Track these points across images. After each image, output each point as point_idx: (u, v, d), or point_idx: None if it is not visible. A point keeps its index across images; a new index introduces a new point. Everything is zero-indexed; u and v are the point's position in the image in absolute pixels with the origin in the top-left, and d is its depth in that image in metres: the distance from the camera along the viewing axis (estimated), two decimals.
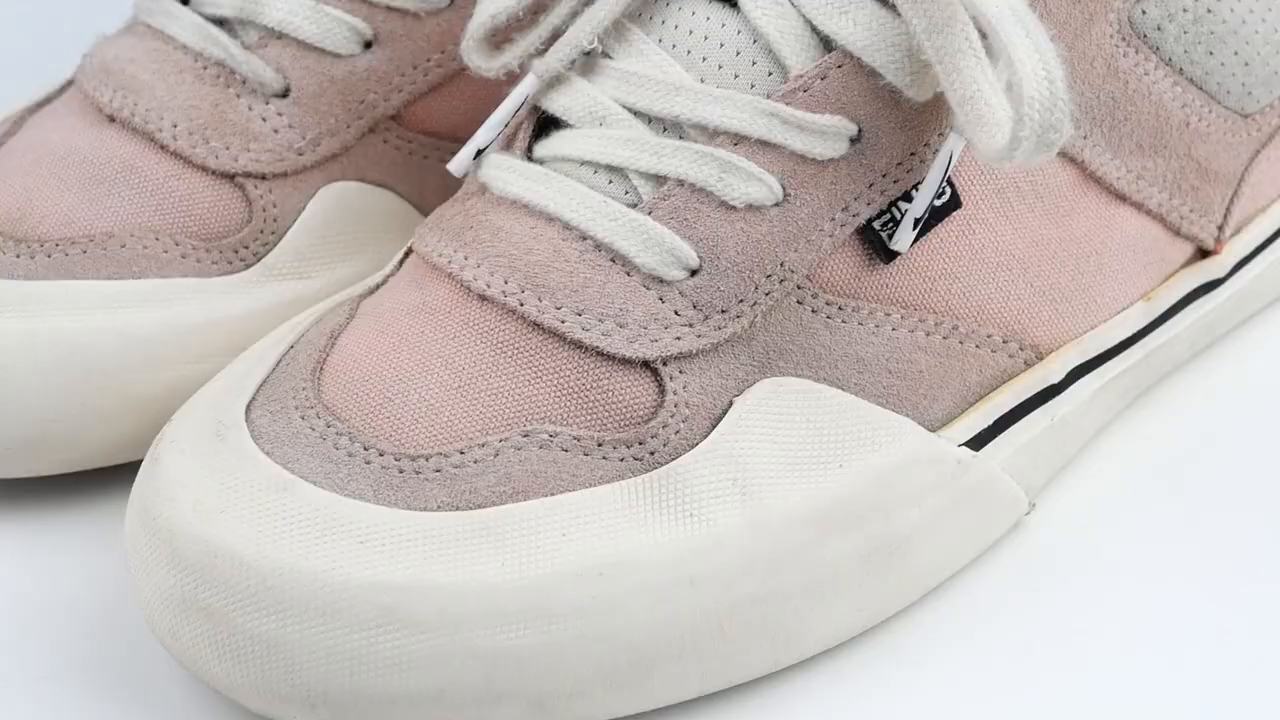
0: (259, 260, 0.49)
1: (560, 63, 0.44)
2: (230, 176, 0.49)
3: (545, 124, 0.44)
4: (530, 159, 0.44)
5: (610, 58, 0.43)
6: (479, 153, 0.45)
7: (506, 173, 0.43)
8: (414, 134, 0.51)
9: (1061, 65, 0.39)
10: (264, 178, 0.49)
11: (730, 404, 0.41)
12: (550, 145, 0.43)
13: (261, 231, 0.49)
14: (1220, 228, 0.49)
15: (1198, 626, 0.43)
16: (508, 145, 0.44)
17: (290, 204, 0.49)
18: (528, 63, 0.45)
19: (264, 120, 0.49)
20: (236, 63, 0.49)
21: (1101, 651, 0.42)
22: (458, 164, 0.45)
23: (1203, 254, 0.49)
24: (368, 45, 0.49)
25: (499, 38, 0.46)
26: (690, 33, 0.43)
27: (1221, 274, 0.50)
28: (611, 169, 0.42)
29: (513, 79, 0.46)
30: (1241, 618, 0.43)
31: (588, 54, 0.44)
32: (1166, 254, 0.48)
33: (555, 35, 0.45)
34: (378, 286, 0.45)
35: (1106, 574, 0.45)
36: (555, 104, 0.43)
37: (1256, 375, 0.51)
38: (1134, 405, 0.50)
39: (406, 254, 0.45)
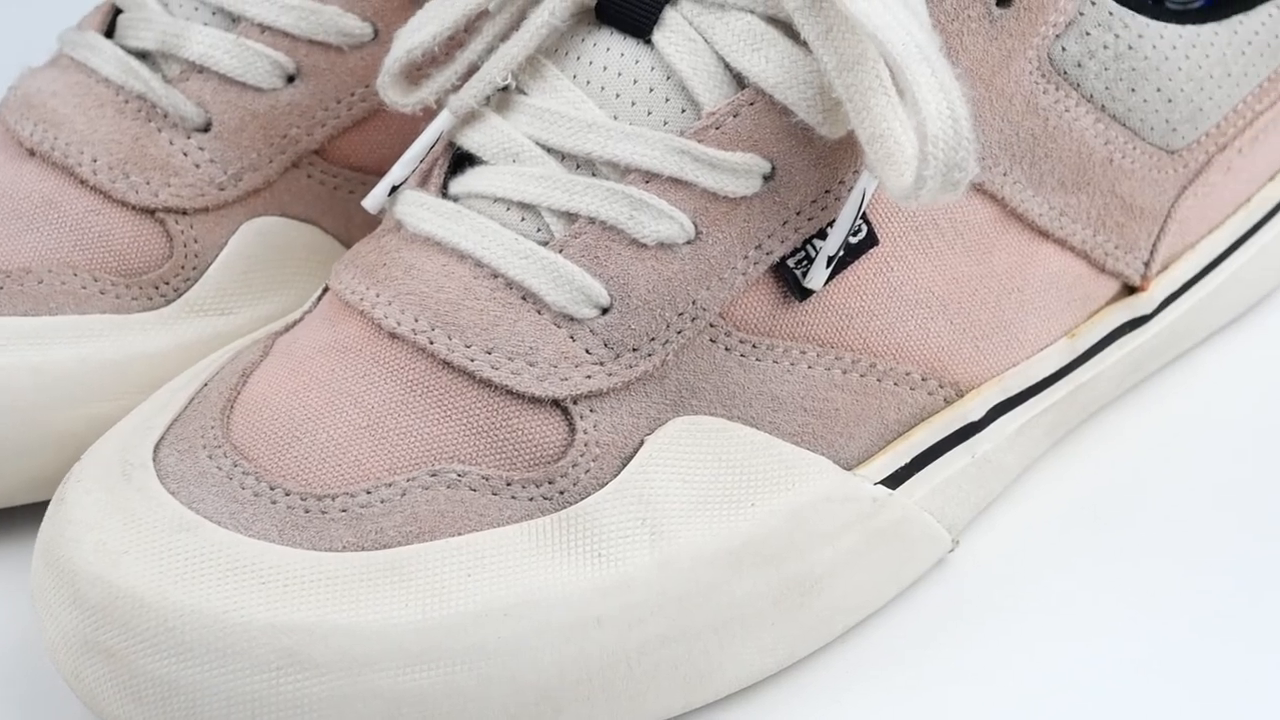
0: (180, 296, 0.49)
1: (475, 99, 0.44)
2: (151, 212, 0.49)
3: (461, 160, 0.44)
4: (445, 195, 0.44)
5: (525, 94, 0.43)
6: (394, 189, 0.45)
7: (420, 210, 0.43)
8: (338, 168, 0.51)
9: (967, 104, 0.39)
10: (185, 213, 0.49)
11: (641, 443, 0.41)
12: (465, 182, 0.43)
13: (182, 267, 0.49)
14: (1147, 264, 0.49)
15: (1120, 664, 0.43)
16: (423, 182, 0.44)
17: (212, 239, 0.49)
18: (444, 98, 0.45)
19: (185, 155, 0.49)
20: (157, 96, 0.49)
21: (1023, 689, 0.42)
22: (372, 201, 0.46)
23: (1129, 290, 0.50)
24: (290, 79, 0.49)
25: (415, 73, 0.46)
26: (604, 69, 0.43)
27: (1148, 310, 0.50)
28: (524, 206, 0.42)
29: (430, 114, 0.46)
30: (1163, 656, 0.43)
31: (503, 90, 0.44)
32: (1091, 291, 0.48)
33: (471, 71, 0.45)
34: (294, 324, 0.45)
35: (1029, 611, 0.45)
36: (470, 140, 0.44)
37: (1184, 413, 0.51)
38: (1062, 442, 0.50)
39: (325, 291, 0.45)
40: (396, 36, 0.45)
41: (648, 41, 0.43)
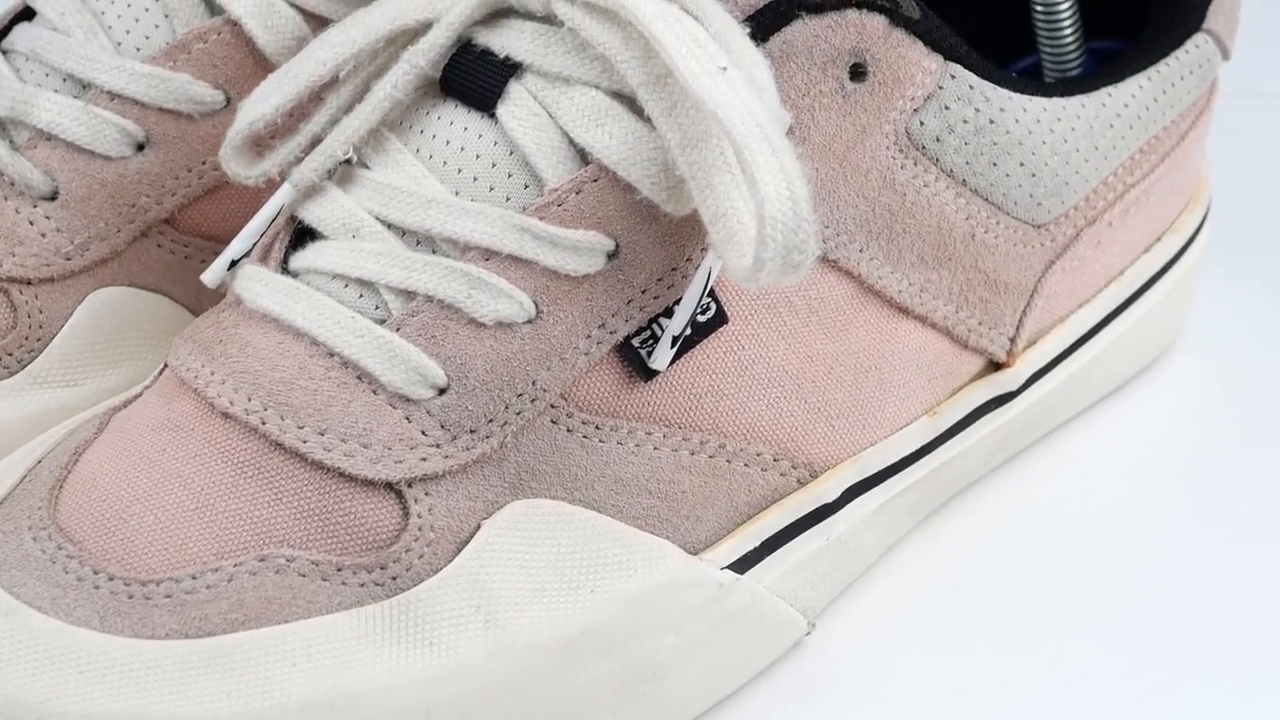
0: (23, 368, 0.49)
1: (315, 172, 0.43)
2: None
3: (303, 235, 0.44)
4: (285, 270, 0.43)
5: (367, 167, 0.43)
6: (235, 263, 0.45)
7: (258, 285, 0.43)
8: (189, 237, 0.50)
9: (807, 185, 0.39)
10: (29, 283, 0.48)
11: (478, 527, 0.41)
12: (305, 257, 0.43)
13: (26, 338, 0.48)
14: (1012, 340, 0.49)
15: None
16: (263, 256, 0.44)
17: (57, 310, 0.49)
18: (288, 170, 0.45)
19: (31, 224, 0.48)
20: (4, 164, 0.48)
21: None
22: (211, 275, 0.45)
23: (994, 367, 0.49)
24: (140, 147, 0.49)
25: (260, 144, 0.45)
26: (447, 143, 0.43)
27: (1014, 387, 0.50)
28: (362, 283, 0.42)
29: (276, 186, 0.45)
30: None
31: (347, 163, 0.44)
32: (953, 367, 0.48)
33: (315, 143, 0.45)
34: (132, 399, 0.45)
35: (888, 693, 0.45)
36: (311, 214, 0.43)
37: (1053, 491, 0.51)
38: (927, 521, 0.50)
39: (165, 366, 0.45)
40: (240, 107, 0.45)
41: (491, 115, 0.42)
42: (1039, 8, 0.54)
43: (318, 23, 0.49)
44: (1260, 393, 0.55)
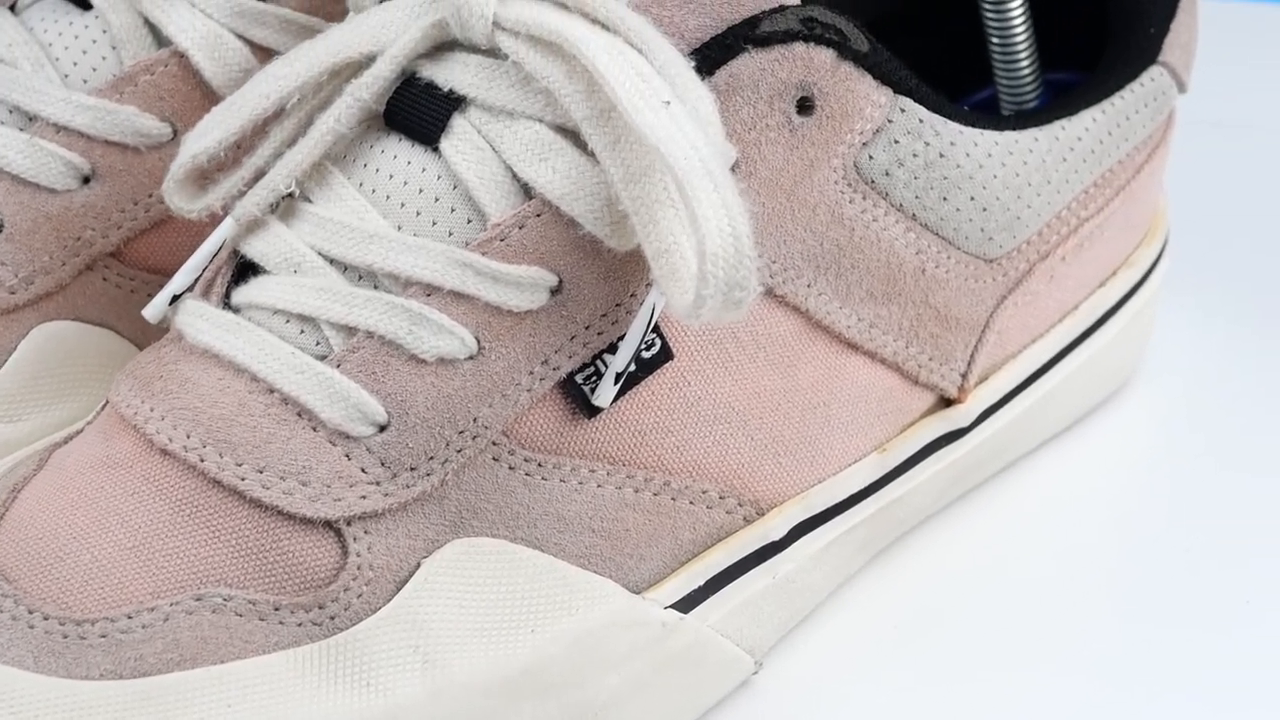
0: None
1: (258, 206, 0.43)
2: None
3: (245, 269, 0.44)
4: (228, 305, 0.43)
5: (310, 202, 0.43)
6: (177, 297, 0.45)
7: (200, 320, 0.43)
8: (135, 270, 0.50)
9: (749, 221, 0.39)
10: None
11: (418, 566, 0.41)
12: (246, 292, 0.43)
13: None
14: (964, 376, 0.49)
15: None
16: (205, 291, 0.44)
17: (0, 344, 0.48)
18: (231, 204, 0.45)
19: None
20: None
21: None
22: (152, 310, 0.45)
23: (946, 403, 0.49)
24: (86, 180, 0.49)
25: (204, 178, 0.45)
26: (390, 177, 0.42)
27: (966, 423, 0.50)
28: (303, 319, 0.42)
29: (218, 220, 0.45)
30: None
31: (290, 197, 0.43)
32: (903, 403, 0.48)
33: (259, 176, 0.44)
34: (74, 435, 0.44)
35: None
36: (253, 249, 0.43)
37: (1006, 528, 0.51)
38: (878, 558, 0.50)
39: (107, 403, 0.45)
40: (184, 140, 0.45)
41: (435, 149, 0.42)
42: (995, 40, 0.54)
43: (265, 54, 0.49)
44: (1218, 428, 0.55)
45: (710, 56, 0.42)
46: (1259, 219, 0.67)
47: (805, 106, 0.44)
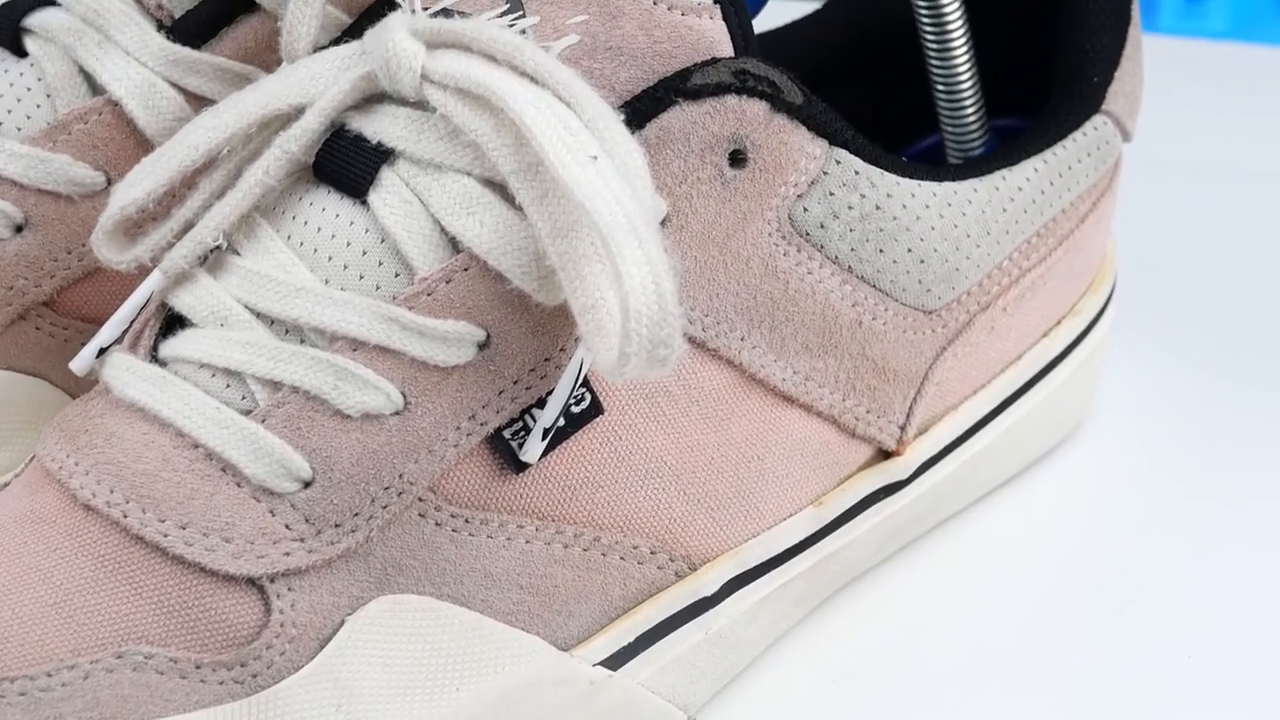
0: None
1: (185, 259, 0.43)
2: None
3: (173, 322, 0.44)
4: (155, 359, 0.43)
5: (238, 254, 0.43)
6: (105, 350, 0.45)
7: (126, 374, 0.43)
8: (68, 320, 0.50)
9: (674, 278, 0.39)
10: None
11: (342, 623, 0.41)
12: (174, 345, 0.43)
13: None
14: (902, 428, 0.49)
15: None
16: (133, 344, 0.44)
17: None
18: (160, 256, 0.45)
19: None
20: None
21: None
22: (79, 363, 0.45)
23: (884, 455, 0.49)
24: (18, 229, 0.49)
25: (133, 229, 0.45)
26: (318, 230, 0.42)
27: (904, 476, 0.50)
28: (229, 373, 0.42)
29: (147, 272, 0.45)
30: None
31: (220, 249, 0.43)
32: (840, 457, 0.48)
33: (188, 228, 0.44)
34: (1, 489, 0.44)
35: None
36: (180, 302, 0.43)
37: (945, 581, 0.51)
38: (817, 611, 0.50)
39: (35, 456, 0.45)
40: (113, 191, 0.45)
41: (363, 202, 0.42)
42: (940, 88, 0.55)
43: (199, 103, 0.49)
44: (1166, 479, 0.56)
45: (641, 109, 0.43)
46: (1210, 261, 0.67)
47: (738, 159, 0.44)
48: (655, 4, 0.43)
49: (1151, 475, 0.56)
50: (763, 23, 0.56)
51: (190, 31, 0.49)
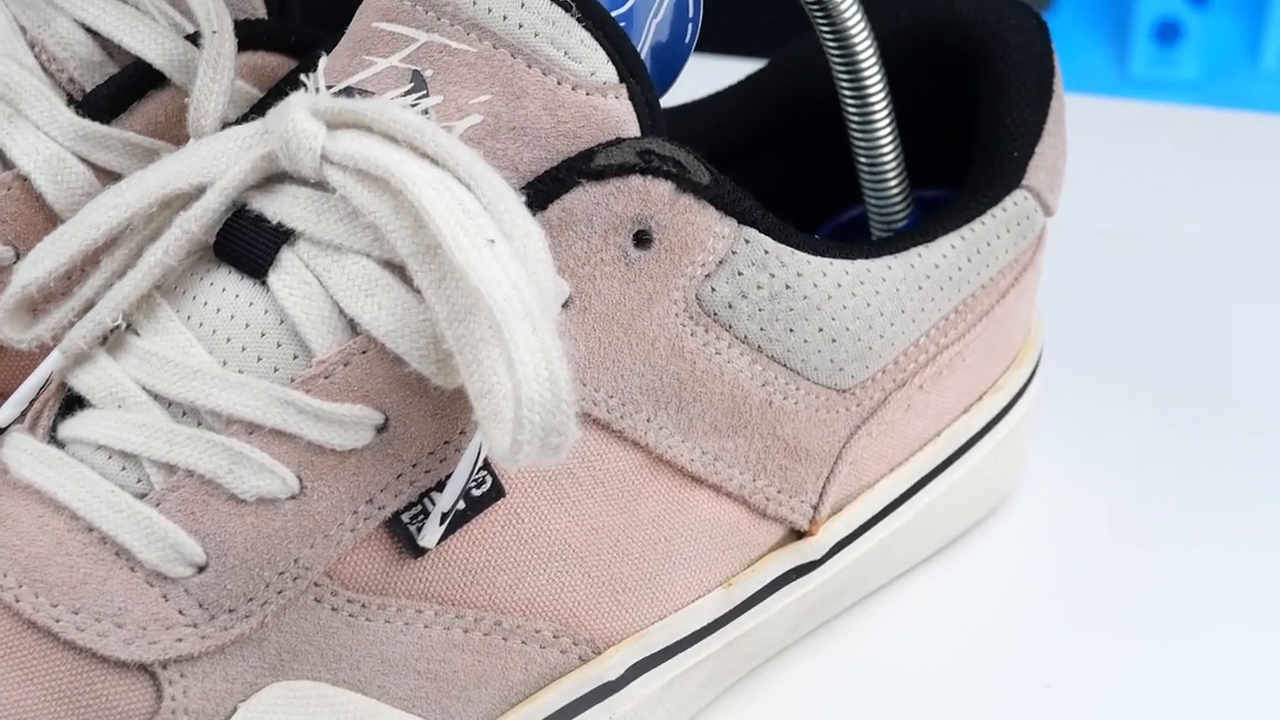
0: None
1: (85, 339, 0.44)
2: None
3: (72, 402, 0.44)
4: (54, 439, 0.43)
5: (138, 335, 0.43)
6: (3, 430, 0.45)
7: (23, 455, 0.43)
8: None
9: (567, 366, 0.39)
10: None
11: (235, 710, 0.41)
12: (72, 426, 0.43)
13: None
14: (815, 508, 0.49)
15: None
16: (32, 424, 0.44)
17: None
18: (62, 335, 0.45)
19: None
20: None
21: None
22: None
23: (797, 535, 0.50)
24: None
25: (34, 307, 0.46)
26: (218, 310, 0.43)
27: (817, 556, 0.50)
28: (126, 455, 0.42)
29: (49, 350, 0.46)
30: None
31: (121, 328, 0.44)
32: (750, 537, 0.48)
33: (89, 307, 0.45)
34: None
35: None
36: (79, 382, 0.43)
37: (865, 656, 0.51)
38: (731, 690, 0.50)
39: None
40: (15, 270, 0.45)
41: (263, 283, 0.43)
42: (862, 159, 0.55)
43: (109, 178, 0.49)
44: (1090, 557, 0.56)
45: (543, 190, 0.43)
46: (1141, 329, 0.67)
47: (643, 239, 0.44)
48: (560, 84, 0.43)
49: (1076, 553, 0.56)
50: (690, 92, 0.57)
51: (100, 106, 0.49)
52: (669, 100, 0.54)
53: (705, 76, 0.61)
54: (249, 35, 0.49)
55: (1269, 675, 0.52)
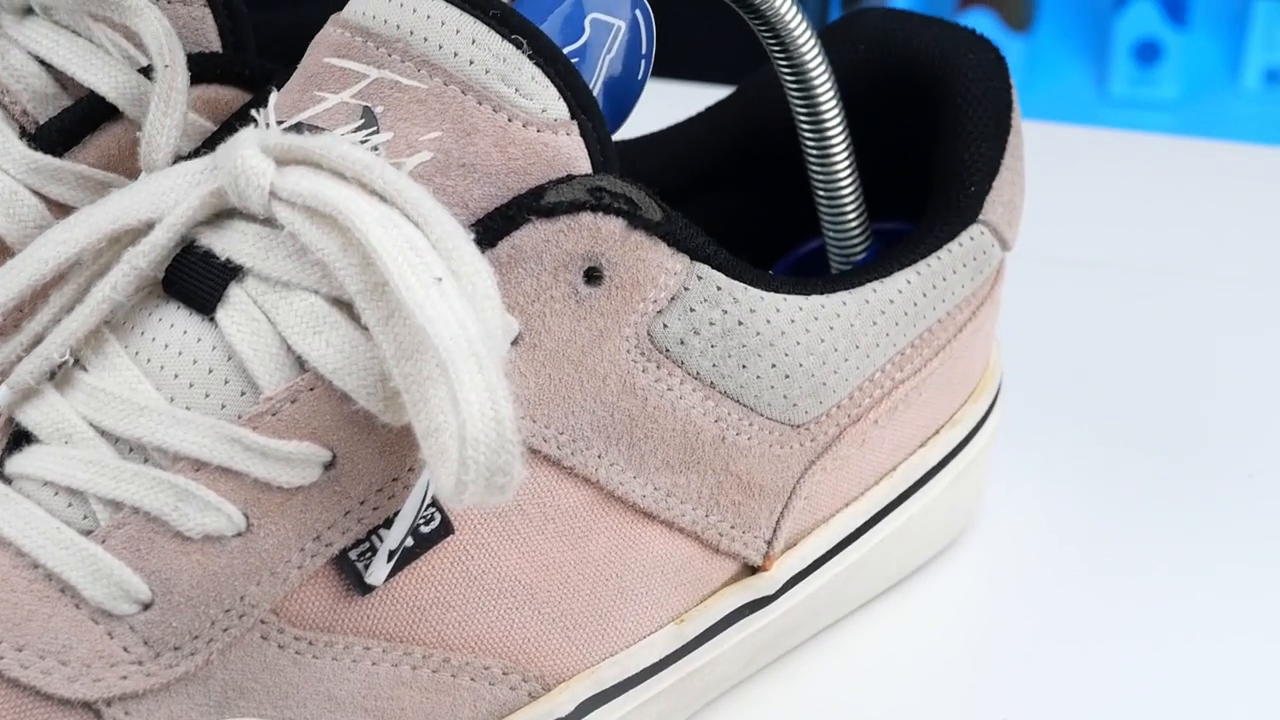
0: None
1: (32, 375, 0.44)
2: None
3: (20, 438, 0.44)
4: (2, 475, 0.43)
5: (86, 370, 0.43)
6: None
7: None
8: None
9: (514, 404, 0.39)
10: None
11: None
12: (19, 462, 0.43)
13: None
14: (769, 543, 0.49)
15: None
16: None
17: None
18: (9, 370, 0.45)
19: None
20: None
21: None
22: None
23: (751, 570, 0.50)
24: None
25: None
26: (166, 346, 0.43)
27: (770, 591, 0.50)
28: (72, 492, 0.42)
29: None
30: None
31: (69, 364, 0.44)
32: (703, 573, 0.48)
33: (38, 342, 0.45)
34: None
35: None
36: (27, 418, 0.44)
37: (821, 691, 0.52)
38: None
39: None
40: None
41: (212, 319, 0.43)
42: (821, 193, 0.55)
43: (61, 211, 0.49)
44: (1048, 588, 0.56)
45: (493, 227, 0.43)
46: (1102, 362, 0.67)
47: (593, 276, 0.44)
48: (510, 121, 0.44)
49: (1035, 586, 0.56)
50: (659, 118, 0.57)
51: (53, 139, 0.50)
52: (629, 131, 0.54)
53: (674, 103, 0.61)
54: (203, 68, 0.50)
55: (1232, 699, 0.52)
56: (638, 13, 0.47)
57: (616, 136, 0.57)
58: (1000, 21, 1.63)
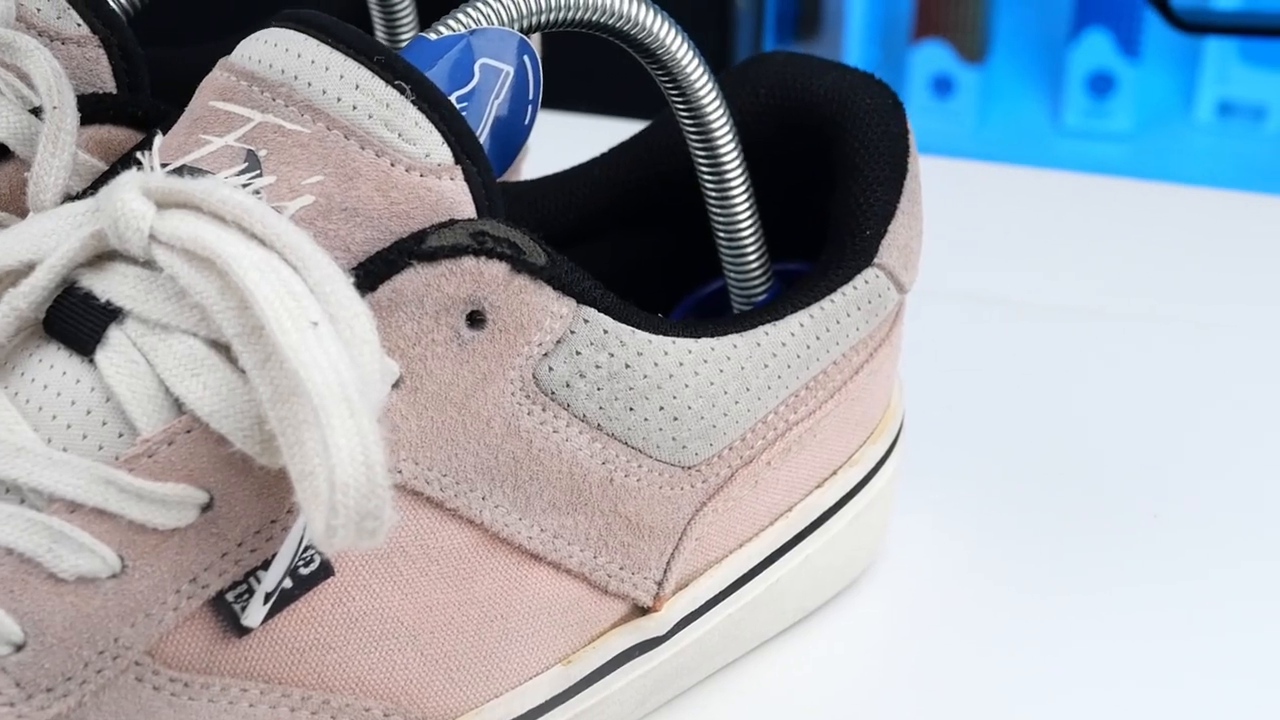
0: None
1: None
2: None
3: None
4: None
5: None
6: None
7: None
8: None
9: (383, 449, 0.39)
10: None
11: None
12: None
13: None
14: (660, 584, 0.50)
15: None
16: None
17: None
18: None
19: None
20: None
21: None
22: None
23: (642, 611, 0.50)
24: None
25: None
26: (45, 387, 0.43)
27: (661, 632, 0.50)
28: None
29: None
30: None
31: None
32: (592, 614, 0.49)
33: None
34: None
35: None
36: None
37: None
38: None
39: None
40: None
41: (91, 361, 0.43)
42: (721, 234, 0.55)
43: None
44: (948, 628, 0.56)
45: (374, 271, 0.43)
46: (1007, 399, 0.68)
47: (476, 320, 0.45)
48: (393, 165, 0.44)
49: (935, 625, 0.56)
50: (577, 154, 0.58)
51: None
52: (538, 169, 0.54)
53: (589, 137, 0.61)
54: (96, 109, 0.50)
55: None
56: (525, 58, 0.47)
57: (524, 175, 0.58)
58: (954, 52, 1.64)
